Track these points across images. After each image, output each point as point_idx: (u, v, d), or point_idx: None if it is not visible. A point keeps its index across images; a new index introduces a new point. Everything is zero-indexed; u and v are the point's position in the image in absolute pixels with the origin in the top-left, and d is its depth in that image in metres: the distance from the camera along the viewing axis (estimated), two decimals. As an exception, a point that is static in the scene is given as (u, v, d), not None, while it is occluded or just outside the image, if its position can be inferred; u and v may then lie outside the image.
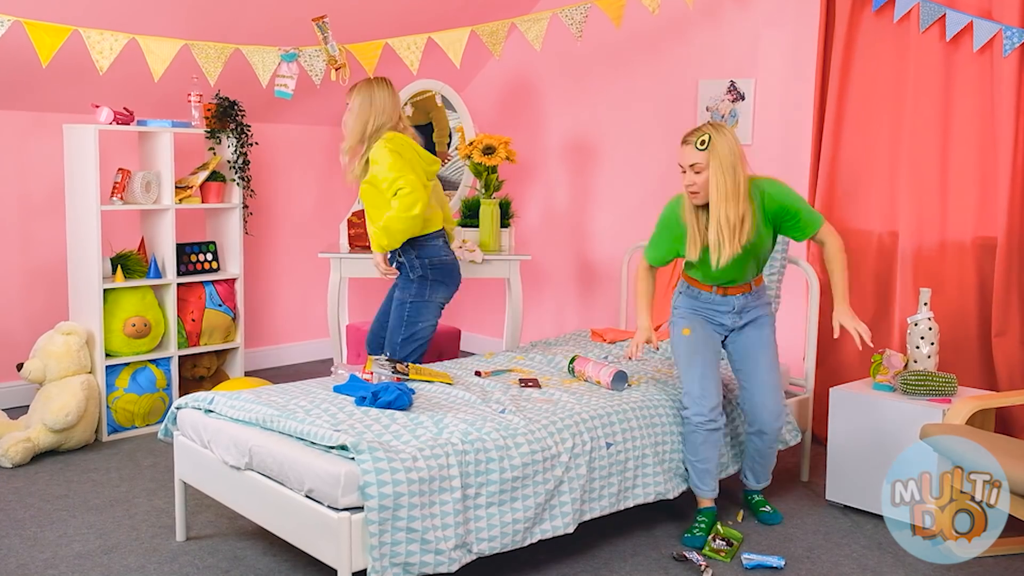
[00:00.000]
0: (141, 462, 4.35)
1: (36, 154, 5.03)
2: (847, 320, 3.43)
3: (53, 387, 4.41)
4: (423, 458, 2.90)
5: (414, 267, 4.13)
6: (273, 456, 3.02)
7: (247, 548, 3.48)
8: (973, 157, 4.20)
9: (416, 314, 4.14)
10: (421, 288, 4.14)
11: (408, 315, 4.13)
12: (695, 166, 3.33)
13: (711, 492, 3.62)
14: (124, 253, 4.76)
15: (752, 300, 3.63)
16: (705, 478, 3.59)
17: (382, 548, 2.77)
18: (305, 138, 6.06)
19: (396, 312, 4.17)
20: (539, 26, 4.70)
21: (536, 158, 6.01)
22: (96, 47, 4.09)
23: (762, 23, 4.91)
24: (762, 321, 3.64)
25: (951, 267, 4.26)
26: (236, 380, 4.35)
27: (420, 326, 4.14)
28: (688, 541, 3.51)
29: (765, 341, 3.62)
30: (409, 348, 4.14)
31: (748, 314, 3.62)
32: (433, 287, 4.15)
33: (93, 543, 3.49)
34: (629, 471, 3.41)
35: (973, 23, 4.08)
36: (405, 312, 4.14)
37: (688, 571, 3.34)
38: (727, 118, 5.04)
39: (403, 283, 4.19)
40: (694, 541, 3.50)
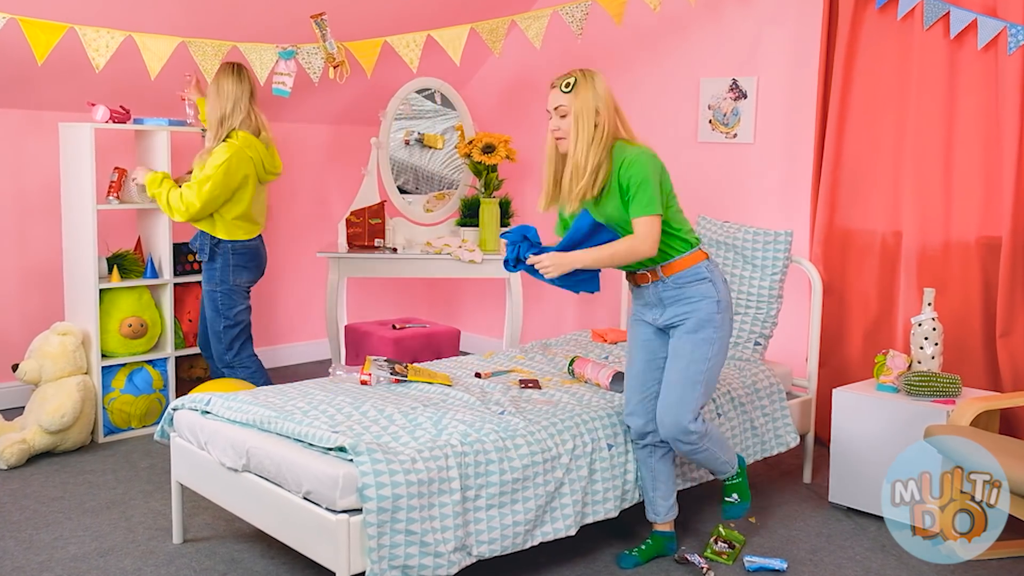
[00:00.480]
0: (137, 464, 4.34)
1: (32, 153, 5.02)
2: (557, 258, 3.15)
3: (49, 388, 4.40)
4: (422, 460, 2.89)
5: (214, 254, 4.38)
6: (271, 458, 3.01)
7: (244, 551, 3.47)
8: (977, 156, 4.18)
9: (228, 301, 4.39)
10: (224, 274, 4.37)
11: (221, 303, 4.38)
12: (559, 108, 3.18)
13: (654, 515, 3.43)
14: (120, 253, 4.75)
15: (670, 293, 3.24)
16: (647, 499, 3.43)
17: (381, 551, 2.76)
18: (303, 137, 6.04)
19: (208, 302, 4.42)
20: (539, 23, 4.69)
21: (536, 157, 5.98)
22: (92, 44, 4.07)
23: (764, 20, 4.90)
24: (684, 325, 3.23)
25: (955, 267, 4.25)
26: (219, 381, 4.29)
27: (235, 311, 4.39)
28: (621, 560, 3.39)
29: (676, 350, 3.24)
30: (231, 335, 4.39)
31: (671, 310, 3.25)
32: (236, 272, 4.39)
33: (89, 546, 3.48)
34: (631, 473, 3.40)
35: (977, 20, 4.07)
36: (217, 301, 4.38)
37: (690, 573, 3.33)
38: (729, 116, 5.03)
39: (207, 272, 4.40)
40: (626, 561, 3.39)
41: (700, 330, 3.21)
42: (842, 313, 4.59)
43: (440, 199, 5.63)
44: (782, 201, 4.88)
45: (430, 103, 5.60)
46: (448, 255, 5.12)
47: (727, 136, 5.05)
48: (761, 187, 4.93)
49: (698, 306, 3.22)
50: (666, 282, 3.24)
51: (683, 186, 5.18)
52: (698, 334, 3.21)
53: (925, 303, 3.90)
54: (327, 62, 4.60)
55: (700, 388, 3.22)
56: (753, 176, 4.96)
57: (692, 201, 5.11)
